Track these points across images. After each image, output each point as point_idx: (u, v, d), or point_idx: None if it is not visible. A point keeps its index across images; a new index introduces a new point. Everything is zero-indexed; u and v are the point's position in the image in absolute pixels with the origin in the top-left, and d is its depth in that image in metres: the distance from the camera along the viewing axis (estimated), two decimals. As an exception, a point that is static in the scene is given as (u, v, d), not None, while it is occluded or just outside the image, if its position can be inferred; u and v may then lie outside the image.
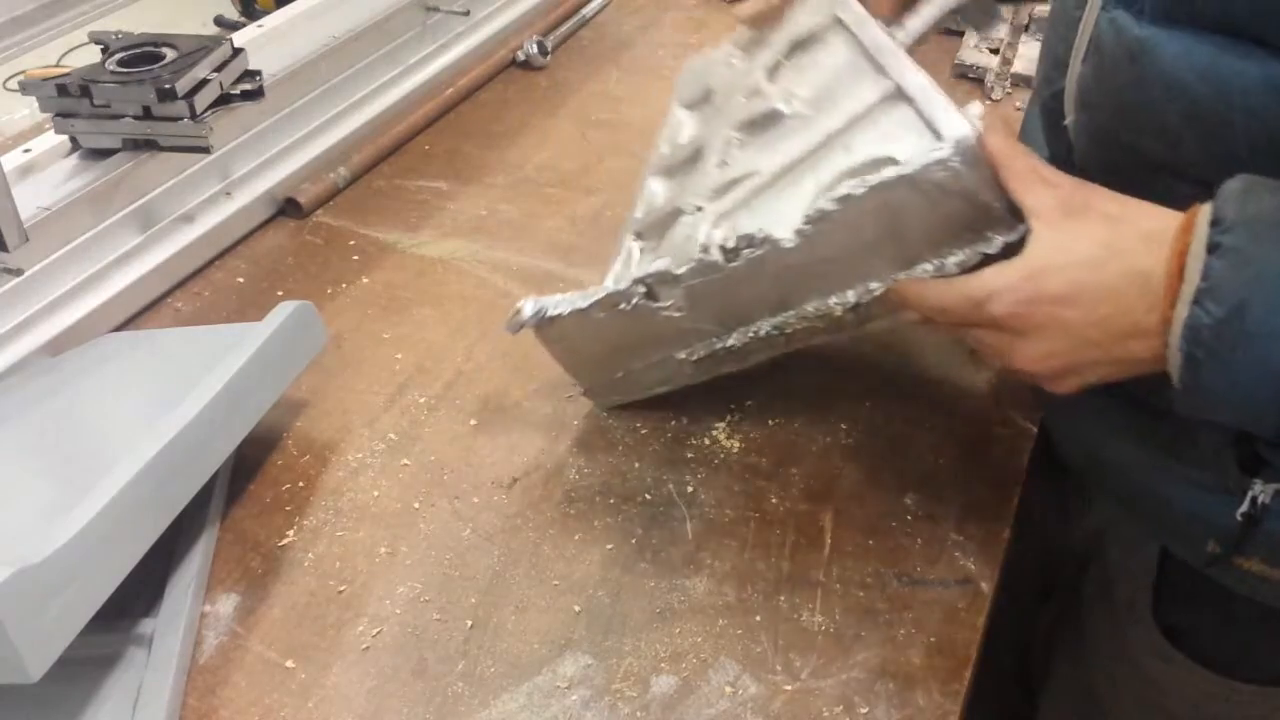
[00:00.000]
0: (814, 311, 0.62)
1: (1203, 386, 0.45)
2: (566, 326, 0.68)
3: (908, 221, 0.55)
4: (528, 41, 1.21)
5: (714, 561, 0.63)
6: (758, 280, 0.61)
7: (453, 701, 0.56)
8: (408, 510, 0.67)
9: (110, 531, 0.53)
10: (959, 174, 0.52)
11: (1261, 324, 0.42)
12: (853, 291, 0.60)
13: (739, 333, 0.65)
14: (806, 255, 0.59)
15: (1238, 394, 0.45)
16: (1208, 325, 0.43)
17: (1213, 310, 0.43)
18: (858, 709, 0.55)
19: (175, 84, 0.79)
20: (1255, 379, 0.44)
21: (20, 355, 0.75)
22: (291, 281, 0.88)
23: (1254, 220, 0.43)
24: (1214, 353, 0.44)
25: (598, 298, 0.65)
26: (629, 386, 0.72)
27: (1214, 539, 0.58)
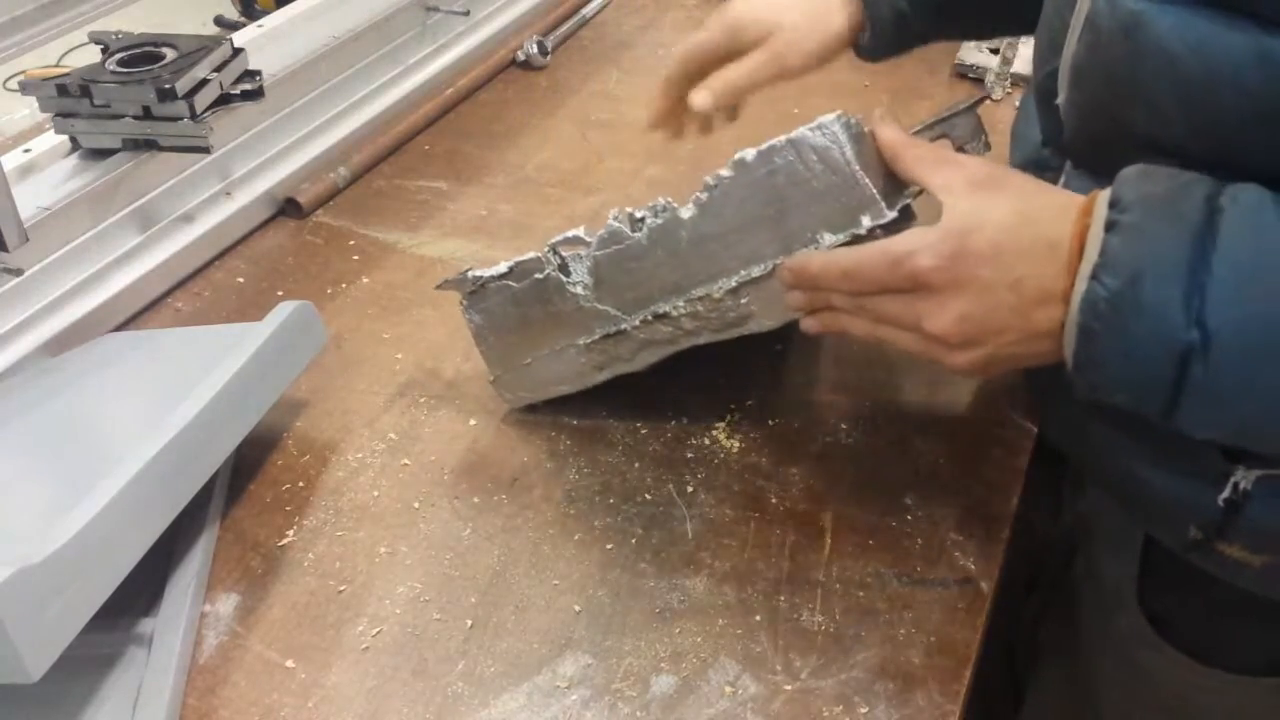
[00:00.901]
0: (700, 296, 0.63)
1: (1097, 360, 0.47)
2: (489, 299, 0.70)
3: (789, 196, 0.57)
4: (528, 41, 1.22)
5: (714, 561, 0.63)
6: (656, 257, 0.63)
7: (453, 701, 0.56)
8: (408, 510, 0.67)
9: (110, 531, 0.53)
10: (838, 141, 0.55)
11: (1154, 295, 0.44)
12: (735, 277, 0.61)
13: (633, 316, 0.66)
14: (701, 229, 0.61)
15: (1131, 367, 0.46)
16: (1104, 298, 0.45)
17: (1108, 283, 0.45)
18: (858, 709, 0.55)
19: (175, 84, 0.79)
20: (1147, 350, 0.45)
21: (20, 355, 0.75)
22: (291, 281, 0.88)
23: (1148, 199, 0.45)
24: (1110, 324, 0.45)
25: (516, 260, 0.68)
26: (534, 380, 0.72)
27: (1195, 524, 0.58)
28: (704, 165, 0.65)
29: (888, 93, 1.16)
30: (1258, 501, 0.55)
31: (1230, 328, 0.43)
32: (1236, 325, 0.43)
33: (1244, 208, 0.45)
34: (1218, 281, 0.43)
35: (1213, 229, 0.44)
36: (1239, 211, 0.44)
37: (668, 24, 1.33)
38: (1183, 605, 0.65)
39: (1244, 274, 0.43)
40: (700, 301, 0.63)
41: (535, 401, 0.74)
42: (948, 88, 1.18)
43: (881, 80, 1.19)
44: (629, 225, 0.64)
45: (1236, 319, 0.43)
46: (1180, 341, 0.44)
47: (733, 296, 0.62)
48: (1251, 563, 0.57)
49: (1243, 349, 0.44)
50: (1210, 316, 0.43)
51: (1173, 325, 0.44)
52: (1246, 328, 0.43)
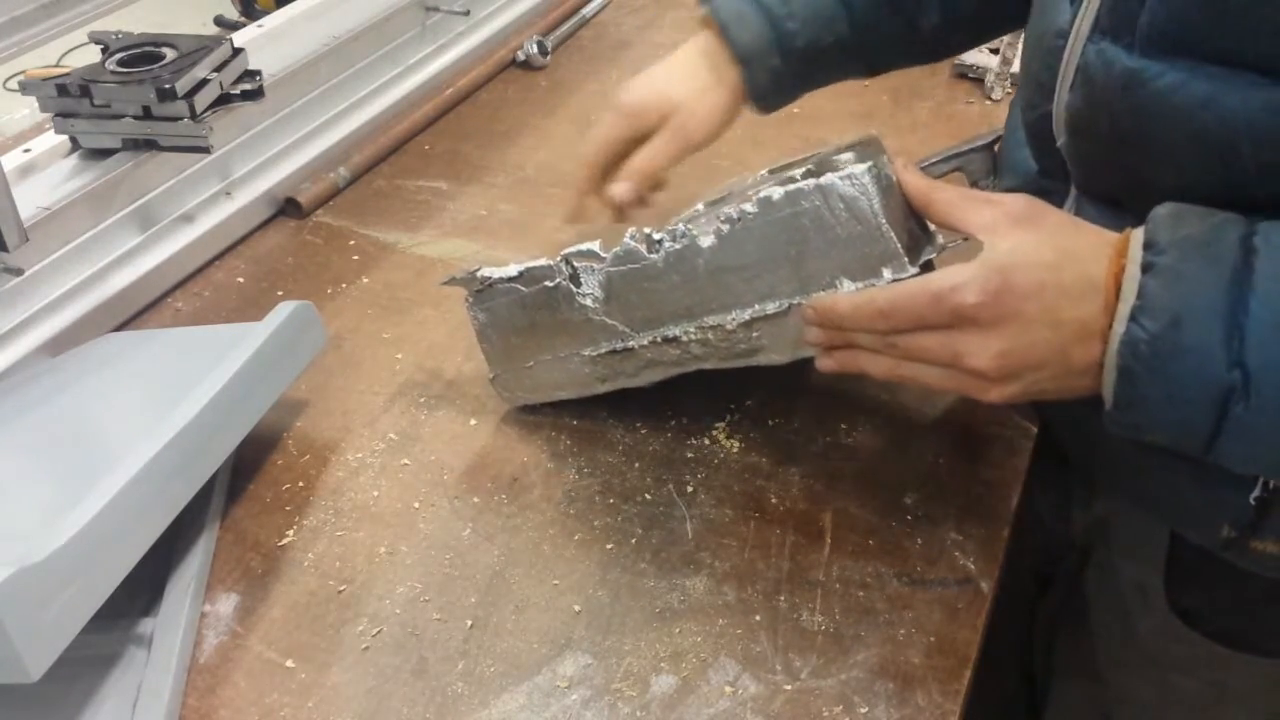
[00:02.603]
0: (712, 325, 0.63)
1: (1137, 401, 0.47)
2: (495, 299, 0.70)
3: (812, 240, 0.58)
4: (528, 41, 1.22)
5: (714, 561, 0.63)
6: (671, 281, 0.63)
7: (453, 701, 0.56)
8: (408, 510, 0.67)
9: (110, 531, 0.53)
10: (867, 193, 0.55)
11: (1194, 338, 0.45)
12: (750, 311, 0.61)
13: (642, 335, 0.66)
14: (719, 259, 0.61)
15: (1172, 408, 0.46)
16: (1144, 340, 0.45)
17: (1149, 326, 0.45)
18: (858, 709, 0.55)
19: (175, 84, 0.79)
20: (1189, 393, 0.45)
21: (20, 355, 0.75)
22: (291, 281, 0.88)
23: (1184, 241, 0.46)
24: (1150, 366, 0.46)
25: (527, 265, 0.68)
26: (534, 383, 0.72)
27: (1228, 524, 0.58)
28: (704, 164, 0.65)
29: (887, 93, 1.16)
30: None
31: (1271, 368, 0.44)
32: (1277, 364, 0.44)
33: (1277, 248, 0.45)
34: (1256, 322, 0.44)
35: (1249, 270, 0.44)
36: (1272, 251, 0.45)
37: (668, 24, 1.33)
38: (1212, 600, 0.65)
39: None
40: (712, 330, 0.63)
41: (533, 403, 0.74)
42: (947, 88, 1.18)
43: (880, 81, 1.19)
44: (645, 246, 0.64)
45: (1276, 359, 0.44)
46: (1222, 383, 0.44)
47: (745, 329, 0.62)
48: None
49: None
50: (1250, 357, 0.44)
51: (1214, 367, 0.44)
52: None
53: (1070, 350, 0.49)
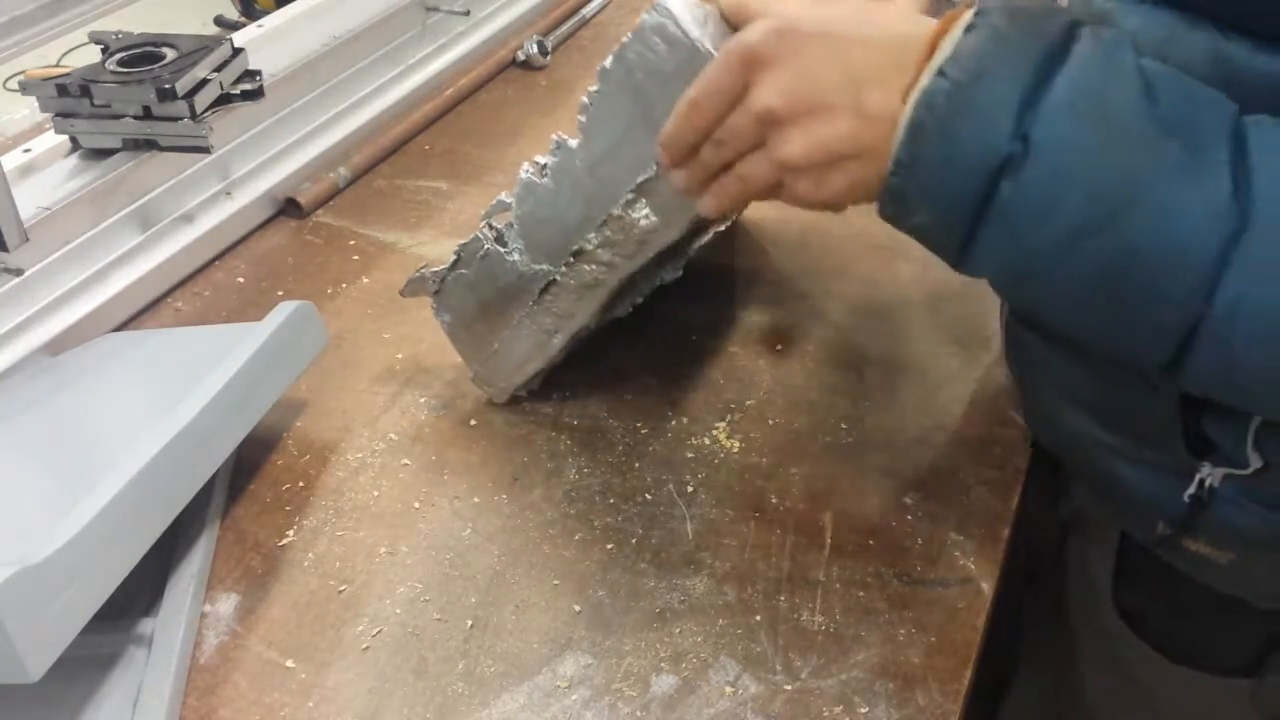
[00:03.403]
0: (606, 220, 0.62)
1: (918, 163, 0.45)
2: (451, 294, 0.71)
3: (648, 89, 0.58)
4: (528, 41, 1.21)
5: (714, 561, 0.63)
6: (564, 196, 0.64)
7: (453, 701, 0.56)
8: (408, 510, 0.67)
9: (110, 531, 0.53)
10: (670, 15, 0.55)
11: (991, 96, 0.43)
12: (629, 189, 0.61)
13: (559, 264, 0.66)
14: (589, 153, 0.61)
15: (947, 173, 0.44)
16: (944, 90, 0.44)
17: (952, 74, 0.44)
18: (858, 709, 0.55)
19: (175, 84, 0.79)
20: (967, 155, 0.44)
21: (20, 355, 0.75)
22: (291, 281, 0.88)
23: (1015, 11, 0.44)
24: (940, 120, 0.44)
25: (461, 245, 0.68)
26: (505, 366, 0.72)
27: (1164, 520, 0.59)
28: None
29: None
30: (1222, 500, 0.55)
31: (1051, 145, 0.42)
32: (1058, 144, 0.43)
33: (1102, 41, 0.44)
34: (1054, 97, 0.42)
35: (1065, 51, 0.43)
36: (1097, 43, 0.44)
37: (668, 24, 1.33)
38: (1155, 603, 0.65)
39: (1083, 97, 0.43)
40: (608, 226, 0.63)
41: (516, 390, 0.73)
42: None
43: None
44: (538, 174, 0.64)
45: (1059, 138, 0.43)
46: (999, 152, 0.43)
47: (631, 209, 0.61)
48: (1218, 560, 0.58)
49: (1053, 169, 0.43)
50: (1036, 130, 0.42)
51: (999, 131, 0.43)
52: (1065, 148, 0.43)
53: (863, 92, 0.46)
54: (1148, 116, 0.42)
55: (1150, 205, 0.42)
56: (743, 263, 0.89)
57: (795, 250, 0.90)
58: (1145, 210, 0.42)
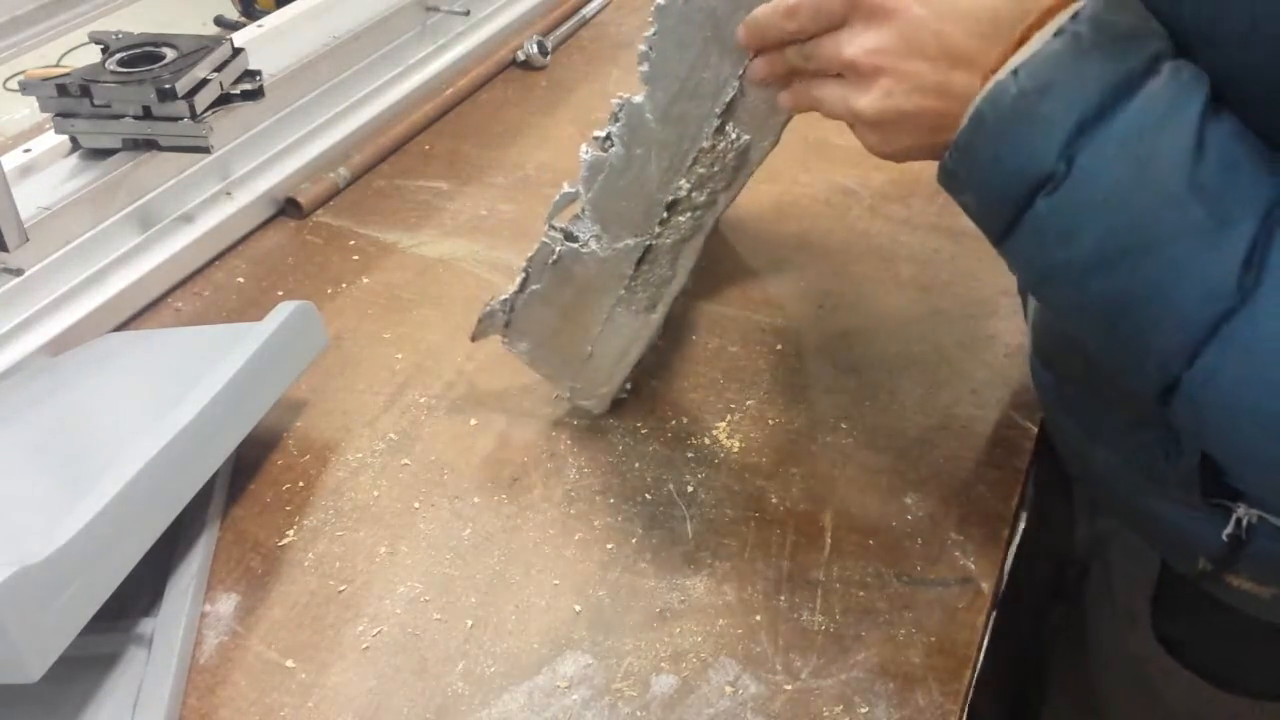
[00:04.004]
0: (696, 158, 0.61)
1: (972, 151, 0.46)
2: (522, 317, 0.69)
3: (716, 7, 0.57)
4: (528, 41, 1.21)
5: (714, 561, 0.63)
6: (639, 157, 0.62)
7: (453, 701, 0.56)
8: (408, 510, 0.67)
9: (110, 531, 0.53)
10: None
11: (1051, 111, 0.43)
12: (714, 116, 0.60)
13: (652, 226, 0.64)
14: (660, 100, 0.60)
15: (995, 172, 0.45)
16: (1012, 94, 0.44)
17: (1023, 77, 0.44)
18: (858, 709, 0.55)
19: (175, 84, 0.79)
20: (1015, 159, 0.44)
21: (20, 355, 0.75)
22: (291, 281, 0.88)
23: (1106, 26, 0.44)
24: (1000, 120, 0.44)
25: (525, 260, 0.66)
26: (604, 369, 0.70)
27: (1204, 556, 0.58)
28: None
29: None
30: (1263, 536, 0.54)
31: (1090, 175, 0.43)
32: (1096, 176, 0.43)
33: (1177, 84, 0.43)
34: (1112, 129, 0.43)
35: (1140, 84, 0.43)
36: (1170, 85, 0.43)
37: (668, 24, 1.33)
38: (1196, 630, 0.64)
39: (1134, 137, 0.43)
40: (699, 164, 0.61)
41: (618, 393, 0.72)
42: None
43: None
44: (600, 148, 0.63)
45: (1099, 171, 0.43)
46: (1045, 169, 0.44)
47: (722, 136, 0.60)
48: (1260, 594, 0.57)
49: (1086, 199, 0.43)
50: (1082, 156, 0.43)
51: (1049, 147, 0.43)
52: (1102, 182, 0.43)
53: (948, 71, 0.47)
54: (1187, 174, 0.42)
55: (1159, 259, 0.42)
56: (743, 263, 0.89)
57: (796, 250, 0.90)
58: (1154, 263, 0.43)
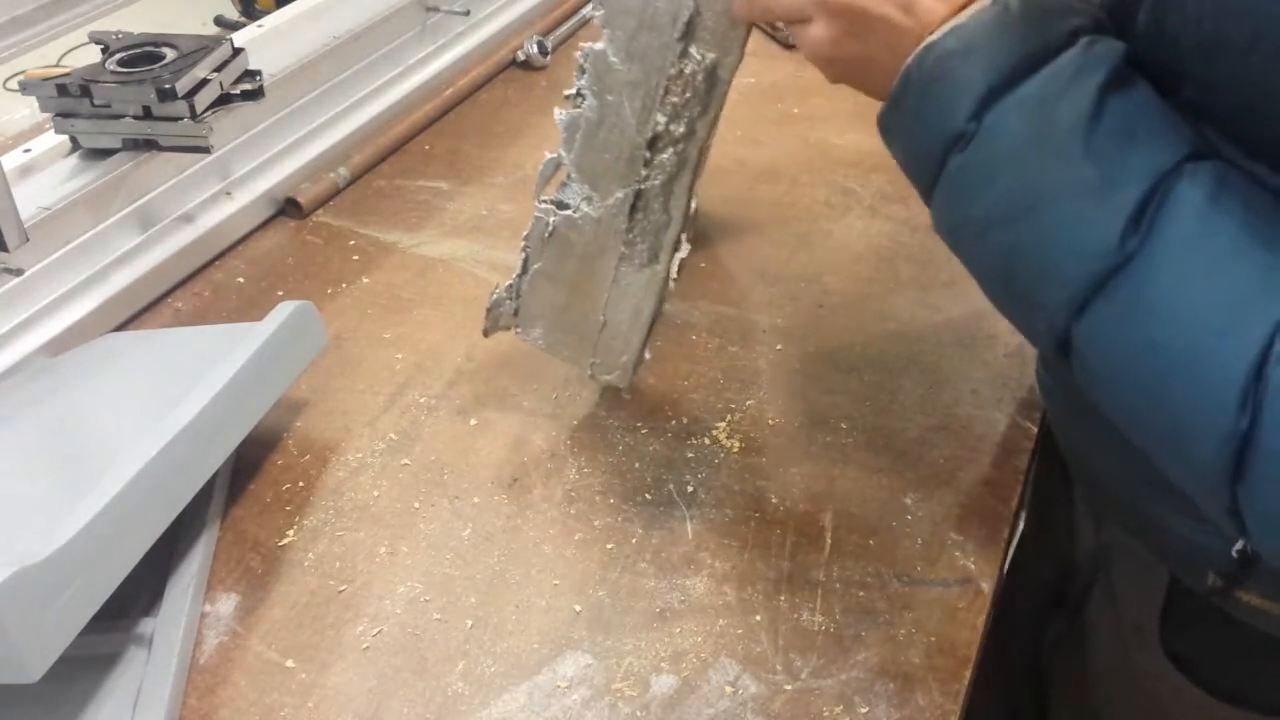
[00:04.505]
0: (667, 88, 0.61)
1: (901, 105, 0.48)
2: (531, 303, 0.68)
3: None
4: (528, 41, 1.21)
5: (714, 561, 0.63)
6: (611, 104, 0.62)
7: (453, 701, 0.56)
8: (408, 510, 0.67)
9: (110, 531, 0.53)
10: None
11: (966, 75, 0.46)
12: (676, 40, 0.59)
13: (638, 170, 0.64)
14: (619, 41, 0.60)
15: (919, 127, 0.48)
16: (935, 54, 0.47)
17: (949, 44, 0.46)
18: (858, 709, 0.55)
19: (175, 84, 0.79)
20: (933, 118, 0.47)
21: (20, 355, 0.75)
22: (291, 281, 0.88)
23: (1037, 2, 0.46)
24: (923, 78, 0.47)
25: (522, 247, 0.66)
26: (621, 336, 0.69)
27: (1214, 571, 0.58)
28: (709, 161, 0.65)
29: (888, 93, 1.16)
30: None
31: (994, 136, 0.45)
32: (999, 136, 0.45)
33: (1086, 55, 0.45)
34: (1019, 94, 0.45)
35: (1054, 56, 0.45)
36: (1079, 56, 0.45)
37: (668, 24, 1.33)
38: (1206, 645, 0.64)
39: (1037, 102, 0.45)
40: (670, 94, 0.61)
41: (639, 360, 0.70)
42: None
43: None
44: (573, 106, 0.63)
45: (1002, 132, 0.45)
46: (956, 127, 0.46)
47: (687, 59, 0.60)
48: (1271, 610, 0.57)
49: (988, 158, 0.46)
50: (989, 117, 0.45)
51: (961, 108, 0.46)
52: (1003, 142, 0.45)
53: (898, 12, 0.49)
54: (1082, 138, 0.44)
55: (1050, 216, 0.45)
56: (742, 263, 0.89)
57: (796, 250, 0.90)
58: (1044, 219, 0.45)
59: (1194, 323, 0.42)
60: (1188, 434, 0.43)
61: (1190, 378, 0.42)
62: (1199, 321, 0.42)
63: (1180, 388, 0.43)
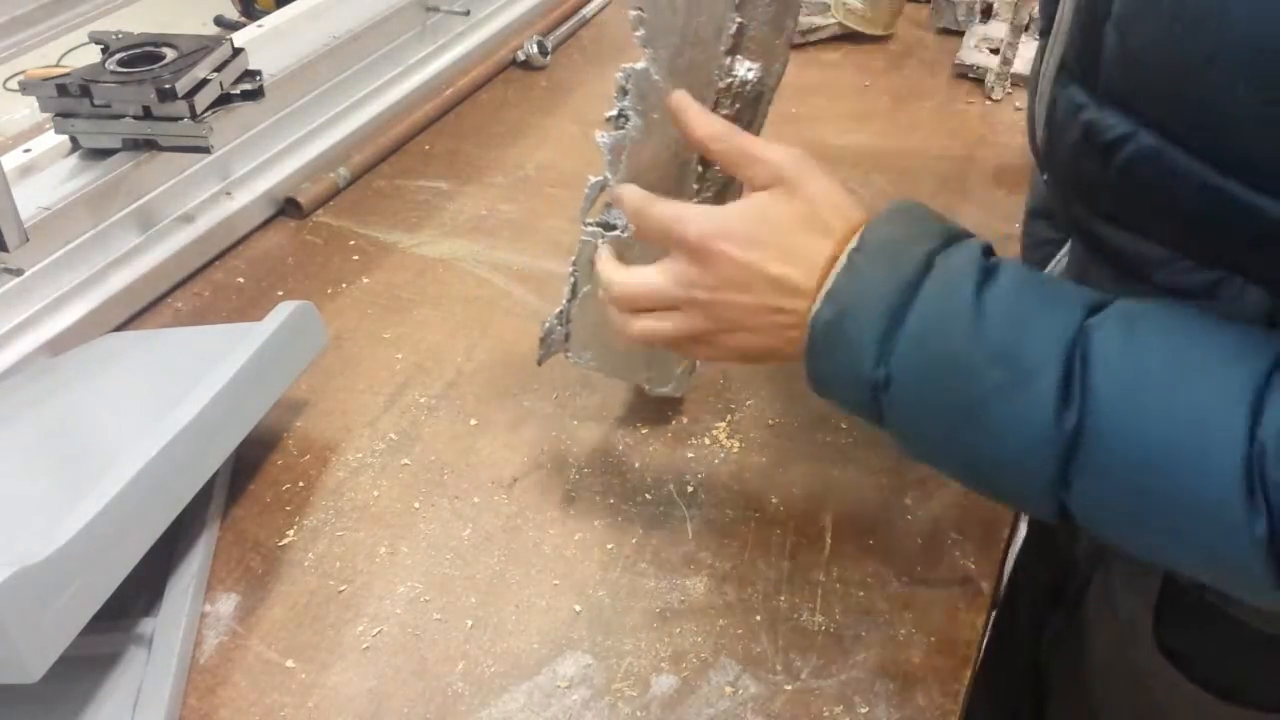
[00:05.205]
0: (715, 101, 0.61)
1: (819, 373, 0.51)
2: (579, 325, 0.68)
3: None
4: (528, 41, 1.22)
5: (714, 561, 0.63)
6: (657, 120, 0.62)
7: (453, 701, 0.56)
8: (408, 510, 0.67)
9: (110, 531, 0.53)
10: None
11: (854, 333, 0.48)
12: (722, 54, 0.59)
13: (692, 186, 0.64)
14: (664, 55, 0.60)
15: (841, 386, 0.51)
16: (824, 321, 0.49)
17: (827, 312, 0.49)
18: (858, 709, 0.55)
19: (175, 84, 0.79)
20: (846, 376, 0.50)
21: (20, 355, 0.75)
22: (291, 281, 0.88)
23: (882, 244, 0.49)
24: (824, 347, 0.50)
25: (569, 268, 0.66)
26: None
27: None
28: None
29: (888, 93, 1.16)
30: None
31: (904, 374, 0.48)
32: (909, 373, 0.48)
33: (948, 271, 0.48)
34: (907, 330, 0.47)
35: (919, 285, 0.48)
36: (943, 272, 0.48)
37: (668, 24, 1.33)
38: (1202, 641, 0.64)
39: (926, 330, 0.47)
40: (720, 107, 0.60)
41: (693, 368, 0.71)
42: (947, 88, 1.18)
43: (881, 80, 1.19)
44: (616, 127, 0.63)
45: (910, 368, 0.48)
46: (870, 377, 0.48)
47: (732, 73, 0.60)
48: (1271, 607, 0.57)
49: (909, 394, 0.48)
50: (893, 360, 0.48)
51: (865, 362, 0.48)
52: (914, 376, 0.48)
53: (777, 304, 0.51)
54: (977, 346, 0.46)
55: (984, 428, 0.46)
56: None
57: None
58: (982, 429, 0.46)
59: (1171, 455, 0.43)
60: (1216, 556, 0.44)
61: (1192, 505, 0.43)
62: (1174, 453, 0.43)
63: (1187, 518, 0.43)
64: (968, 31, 1.27)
